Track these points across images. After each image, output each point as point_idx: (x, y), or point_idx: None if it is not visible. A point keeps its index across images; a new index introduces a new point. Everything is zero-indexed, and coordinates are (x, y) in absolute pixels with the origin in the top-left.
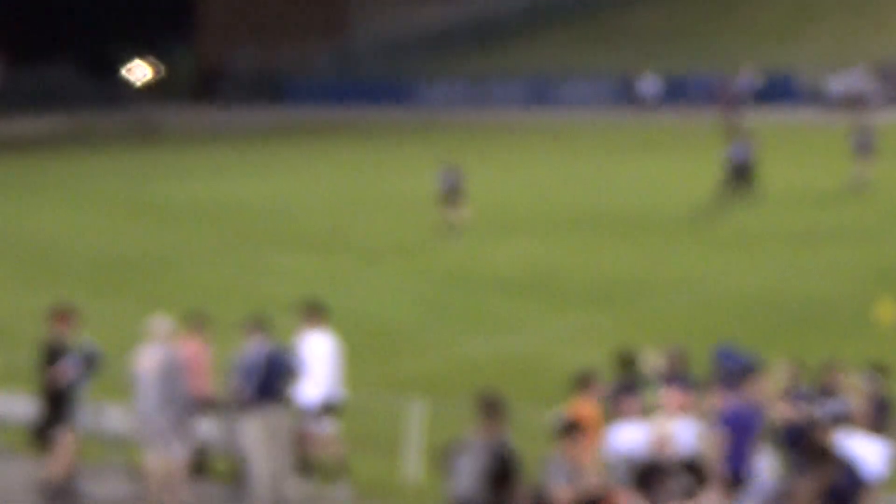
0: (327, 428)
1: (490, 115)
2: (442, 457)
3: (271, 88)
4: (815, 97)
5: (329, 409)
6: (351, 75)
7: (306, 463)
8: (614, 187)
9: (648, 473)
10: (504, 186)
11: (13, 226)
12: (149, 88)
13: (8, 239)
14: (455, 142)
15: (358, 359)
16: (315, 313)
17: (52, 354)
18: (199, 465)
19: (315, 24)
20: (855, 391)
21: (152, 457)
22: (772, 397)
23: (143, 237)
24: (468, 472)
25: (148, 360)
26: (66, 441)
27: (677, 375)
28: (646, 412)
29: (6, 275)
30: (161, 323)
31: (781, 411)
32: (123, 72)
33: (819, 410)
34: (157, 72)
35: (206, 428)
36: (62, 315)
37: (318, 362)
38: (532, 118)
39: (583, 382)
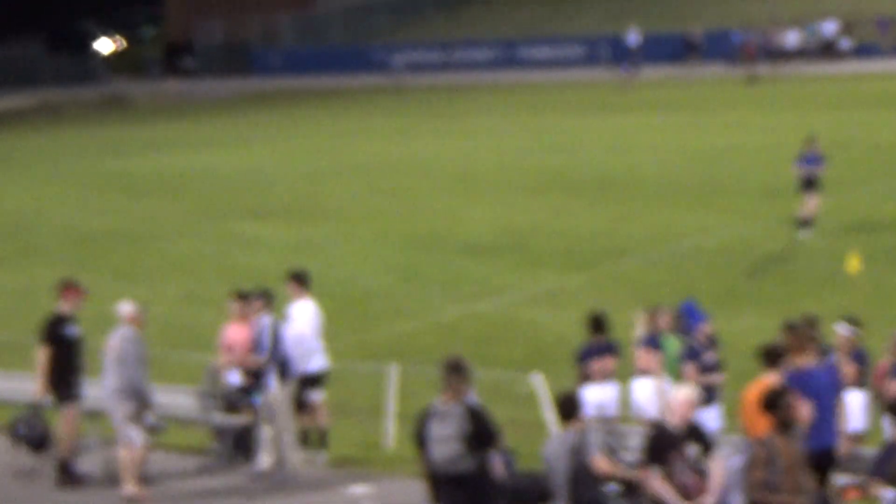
0: (317, 396)
1: (458, 79)
2: (415, 425)
3: (239, 60)
4: (779, 52)
5: (317, 377)
6: (318, 44)
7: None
8: (583, 148)
9: (660, 442)
10: (474, 150)
11: None
12: (117, 63)
13: None
14: (423, 107)
15: (333, 326)
16: (300, 282)
17: (56, 328)
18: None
19: None
20: (837, 345)
21: (118, 445)
22: None
23: (116, 211)
24: (440, 439)
25: (108, 344)
26: (71, 418)
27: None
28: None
29: None
30: (122, 305)
31: None
32: (96, 46)
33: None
34: (118, 46)
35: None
36: (68, 288)
37: (306, 331)
38: (500, 81)
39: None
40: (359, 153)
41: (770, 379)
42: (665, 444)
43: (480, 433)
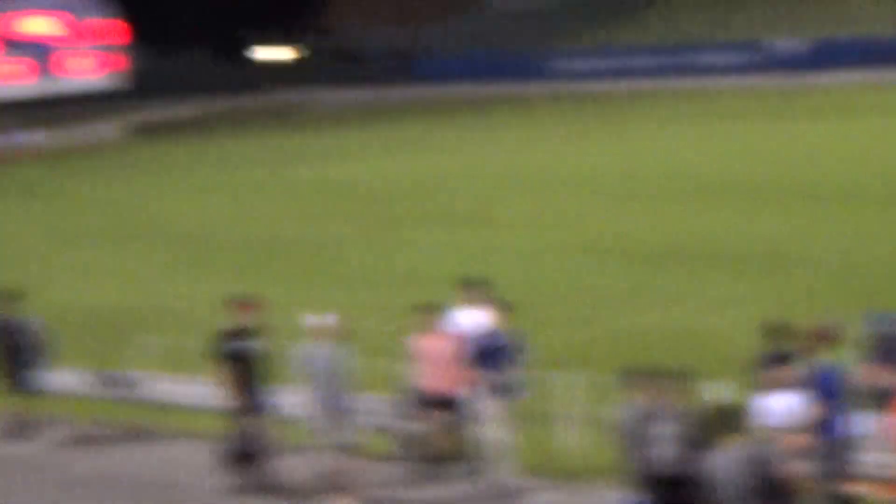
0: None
1: (626, 85)
2: (628, 425)
3: (405, 67)
4: None
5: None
6: (485, 51)
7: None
8: (754, 155)
9: None
10: (642, 157)
11: (161, 210)
12: (286, 71)
13: (157, 223)
14: (592, 114)
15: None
16: (472, 289)
17: (229, 344)
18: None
19: (447, 1)
20: None
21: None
22: None
23: (288, 220)
24: (660, 439)
25: (306, 356)
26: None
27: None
28: None
29: (158, 261)
30: (321, 317)
31: None
32: (261, 55)
33: None
34: (292, 54)
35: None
36: (240, 303)
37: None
38: (668, 87)
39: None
40: (527, 161)
41: None
42: None
43: (700, 435)
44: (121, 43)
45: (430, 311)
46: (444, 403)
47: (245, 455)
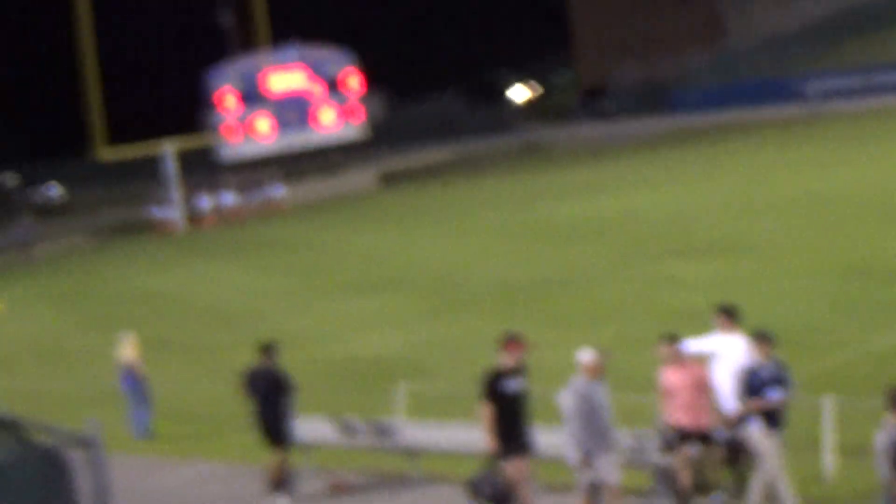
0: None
1: (878, 104)
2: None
3: (655, 99)
4: None
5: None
6: (734, 78)
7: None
8: None
9: None
10: None
11: (411, 256)
12: (532, 110)
13: (408, 269)
14: (842, 135)
15: None
16: (730, 316)
17: (494, 383)
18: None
19: (692, 31)
20: None
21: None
22: None
23: (541, 259)
24: None
25: (565, 394)
26: (519, 469)
27: None
28: None
29: (410, 306)
30: (579, 353)
31: None
32: (505, 97)
33: None
34: (535, 93)
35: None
36: (509, 342)
37: (734, 366)
38: None
39: None
40: (778, 186)
41: None
42: None
43: None
44: (364, 93)
45: (675, 343)
46: (695, 436)
47: (499, 497)
